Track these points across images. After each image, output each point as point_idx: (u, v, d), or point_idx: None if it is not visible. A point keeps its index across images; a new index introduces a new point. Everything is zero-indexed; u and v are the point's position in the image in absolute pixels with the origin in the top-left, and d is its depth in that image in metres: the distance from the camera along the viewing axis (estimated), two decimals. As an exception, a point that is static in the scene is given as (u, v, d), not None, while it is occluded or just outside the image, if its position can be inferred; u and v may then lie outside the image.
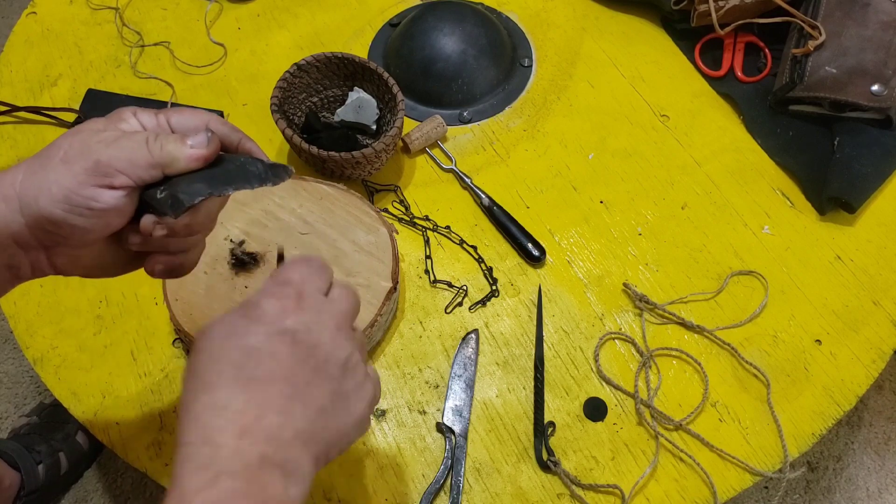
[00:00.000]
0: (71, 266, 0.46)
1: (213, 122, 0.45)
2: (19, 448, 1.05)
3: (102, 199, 0.41)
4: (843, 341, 0.71)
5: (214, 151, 0.44)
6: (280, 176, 0.45)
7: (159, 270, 0.47)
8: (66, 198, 0.40)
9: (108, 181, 0.40)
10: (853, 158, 0.78)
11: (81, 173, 0.40)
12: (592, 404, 0.67)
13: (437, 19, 0.87)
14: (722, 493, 0.63)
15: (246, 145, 0.47)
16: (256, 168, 0.44)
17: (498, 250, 0.76)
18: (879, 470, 1.23)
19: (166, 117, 0.45)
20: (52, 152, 0.41)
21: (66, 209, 0.40)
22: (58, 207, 0.40)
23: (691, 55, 0.91)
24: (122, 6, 0.94)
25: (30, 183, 0.41)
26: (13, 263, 0.43)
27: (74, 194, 0.40)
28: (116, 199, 0.41)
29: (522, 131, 0.85)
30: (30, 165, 0.41)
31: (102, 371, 0.68)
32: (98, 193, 0.40)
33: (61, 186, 0.40)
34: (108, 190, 0.41)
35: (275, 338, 0.39)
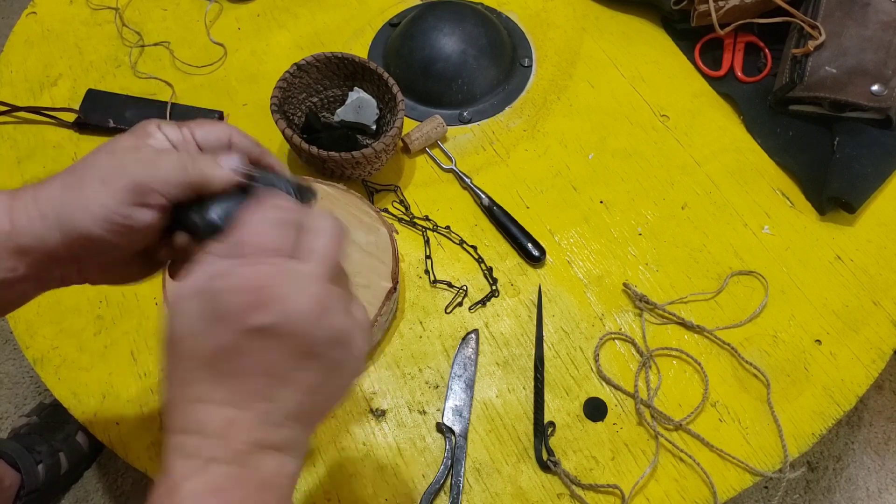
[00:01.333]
0: (99, 277, 0.47)
1: (236, 135, 0.46)
2: (19, 448, 1.05)
3: (139, 218, 0.41)
4: (843, 341, 0.71)
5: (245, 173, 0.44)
6: (307, 198, 0.45)
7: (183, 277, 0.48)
8: (107, 217, 0.41)
9: (144, 200, 0.41)
10: (853, 158, 0.78)
11: (120, 192, 0.41)
12: (592, 404, 0.67)
13: (437, 19, 0.87)
14: (722, 493, 0.63)
15: (267, 160, 0.47)
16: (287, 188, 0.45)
17: (498, 250, 0.76)
18: (879, 470, 1.23)
19: (190, 130, 0.45)
20: (88, 171, 0.42)
21: (105, 227, 0.41)
22: (98, 227, 0.41)
23: (691, 55, 0.91)
24: (122, 6, 0.94)
25: (68, 200, 0.41)
26: (43, 276, 0.44)
27: (114, 213, 0.41)
28: (152, 217, 0.42)
29: (522, 131, 0.85)
30: (65, 182, 0.42)
31: (102, 371, 0.68)
32: (136, 212, 0.41)
33: (102, 206, 0.41)
34: (144, 209, 0.41)
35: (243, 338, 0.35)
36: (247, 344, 0.35)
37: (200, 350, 0.36)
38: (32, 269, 0.43)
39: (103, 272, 0.47)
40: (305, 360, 0.36)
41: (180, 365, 0.36)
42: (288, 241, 0.37)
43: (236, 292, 0.35)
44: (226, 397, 0.36)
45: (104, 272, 0.47)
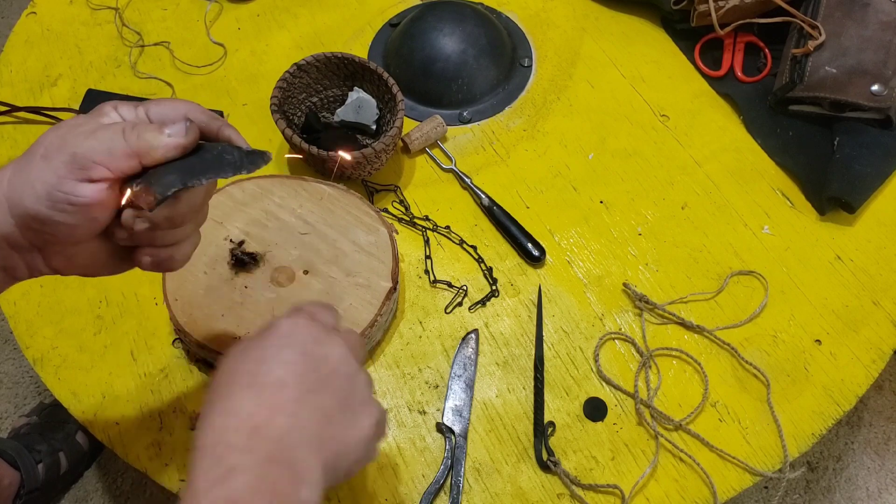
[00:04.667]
0: (67, 266, 0.45)
1: (193, 111, 0.45)
2: (19, 447, 1.05)
3: (82, 193, 0.40)
4: (843, 341, 0.71)
5: (193, 140, 0.43)
6: (256, 163, 0.44)
7: (147, 263, 0.47)
8: (49, 194, 0.39)
9: (86, 174, 0.40)
10: (853, 158, 0.78)
11: (61, 167, 0.39)
12: (592, 404, 0.67)
13: (437, 19, 0.87)
14: (722, 493, 0.63)
15: (225, 132, 0.46)
16: (232, 156, 0.44)
17: (498, 250, 0.76)
18: (879, 470, 1.23)
19: (145, 109, 0.44)
20: (34, 149, 0.41)
21: (48, 206, 0.40)
22: (41, 205, 0.40)
23: (691, 55, 0.91)
24: (122, 6, 0.94)
25: (15, 182, 0.40)
26: (8, 265, 0.43)
27: (55, 190, 0.39)
28: (97, 192, 0.40)
29: (522, 131, 0.85)
30: (16, 165, 0.41)
31: (102, 371, 0.68)
32: (78, 187, 0.40)
33: (44, 183, 0.39)
34: (87, 183, 0.40)
35: (285, 348, 0.41)
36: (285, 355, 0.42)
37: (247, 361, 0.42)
38: None
39: (69, 260, 0.45)
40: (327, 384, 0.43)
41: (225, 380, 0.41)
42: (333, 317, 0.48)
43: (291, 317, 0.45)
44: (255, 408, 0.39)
45: (70, 260, 0.45)
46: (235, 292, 0.65)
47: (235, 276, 0.66)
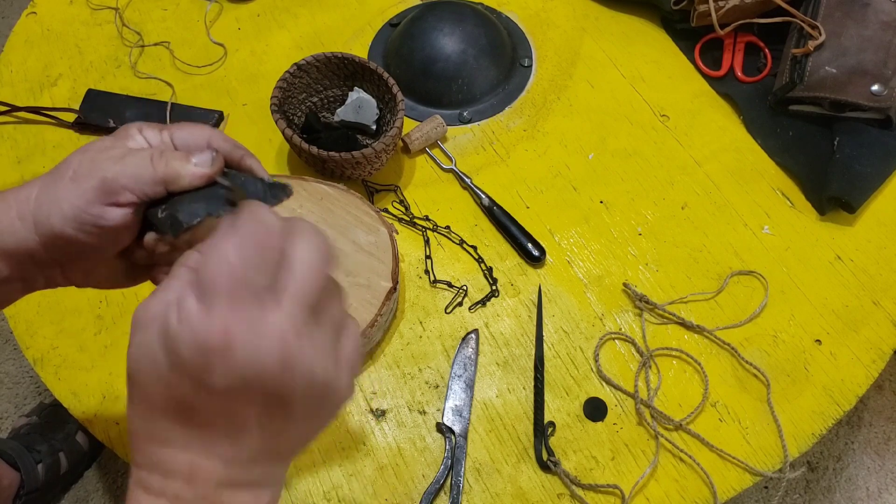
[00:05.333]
0: (84, 280, 0.46)
1: (216, 138, 0.45)
2: (19, 447, 1.05)
3: (110, 217, 0.41)
4: (843, 341, 0.71)
5: (218, 170, 0.43)
6: (278, 197, 0.45)
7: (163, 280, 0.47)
8: (76, 216, 0.40)
9: (114, 199, 0.40)
10: (853, 158, 0.78)
11: (90, 191, 0.40)
12: (592, 404, 0.67)
13: (437, 19, 0.87)
14: (722, 493, 0.63)
15: (247, 162, 0.46)
16: (256, 188, 0.45)
17: (498, 250, 0.76)
18: (879, 470, 1.23)
19: (170, 133, 0.45)
20: (62, 170, 0.41)
21: (75, 227, 0.41)
22: (69, 226, 0.40)
23: (691, 55, 0.91)
24: (122, 6, 0.94)
25: (43, 201, 0.41)
26: (28, 277, 0.44)
27: (84, 213, 0.40)
28: (123, 216, 0.41)
29: (522, 131, 0.85)
30: (43, 183, 0.42)
31: (102, 371, 0.68)
32: (105, 211, 0.41)
33: (72, 205, 0.40)
34: (114, 208, 0.41)
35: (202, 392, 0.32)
36: (207, 398, 0.32)
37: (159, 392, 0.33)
38: (16, 271, 0.43)
39: (87, 275, 0.46)
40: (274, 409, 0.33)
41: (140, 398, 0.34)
42: (263, 277, 0.32)
43: (194, 348, 0.31)
44: (188, 442, 0.33)
45: (88, 275, 0.46)
46: (235, 292, 0.65)
47: (235, 276, 0.66)
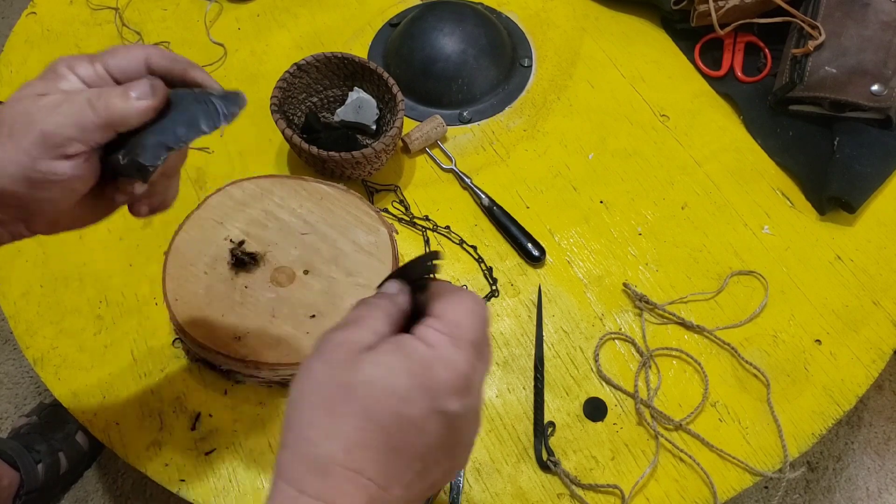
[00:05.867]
0: (49, 229, 0.45)
1: (154, 56, 0.43)
2: (19, 447, 1.05)
3: (60, 171, 0.39)
4: (843, 341, 0.71)
5: (162, 98, 0.41)
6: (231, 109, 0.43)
7: (145, 212, 0.47)
8: (25, 175, 0.38)
9: (60, 151, 0.38)
10: (853, 158, 0.78)
11: (32, 147, 0.38)
12: (592, 404, 0.67)
13: (437, 19, 0.87)
14: (722, 493, 0.63)
15: (191, 74, 0.44)
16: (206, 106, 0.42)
17: (498, 250, 0.76)
18: (879, 470, 1.23)
19: (103, 64, 0.42)
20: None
21: (27, 185, 0.39)
22: (19, 185, 0.39)
23: (691, 55, 0.91)
24: (122, 6, 0.94)
25: None
26: None
27: (31, 170, 0.38)
28: (73, 168, 0.39)
29: (522, 131, 0.85)
30: None
31: (102, 371, 0.68)
32: (55, 165, 0.39)
33: (17, 164, 0.38)
34: (62, 161, 0.39)
35: (433, 415, 0.34)
36: (430, 423, 0.34)
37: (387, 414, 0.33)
38: None
39: (51, 225, 0.44)
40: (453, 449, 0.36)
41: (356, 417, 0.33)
42: (485, 342, 0.37)
43: (451, 370, 0.34)
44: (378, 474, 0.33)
45: (52, 225, 0.44)
46: (235, 292, 0.65)
47: (235, 276, 0.66)
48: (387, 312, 0.37)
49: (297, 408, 0.35)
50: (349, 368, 0.34)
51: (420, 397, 0.34)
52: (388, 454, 0.34)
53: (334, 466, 0.33)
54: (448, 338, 0.35)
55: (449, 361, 0.34)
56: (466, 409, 0.35)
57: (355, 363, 0.34)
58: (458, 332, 0.35)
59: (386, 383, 0.34)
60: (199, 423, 0.65)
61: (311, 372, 0.35)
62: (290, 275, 0.67)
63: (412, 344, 0.35)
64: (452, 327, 0.35)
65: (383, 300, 0.38)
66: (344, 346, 0.35)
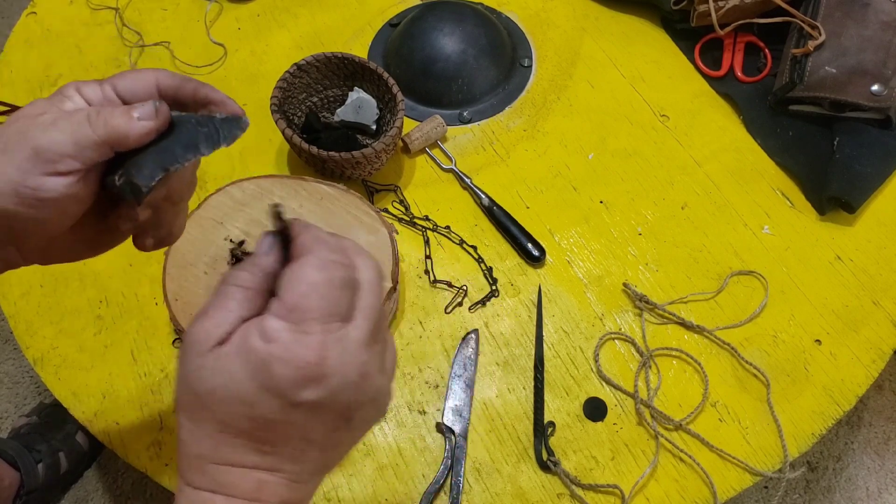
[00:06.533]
0: (43, 258, 0.44)
1: (163, 78, 0.42)
2: (19, 447, 1.05)
3: (50, 188, 0.37)
4: (843, 341, 0.71)
5: (164, 121, 0.40)
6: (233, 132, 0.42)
7: (150, 245, 0.46)
8: (15, 191, 0.37)
9: (53, 168, 0.37)
10: (853, 158, 0.78)
11: (24, 162, 0.37)
12: (592, 404, 0.67)
13: (437, 19, 0.87)
14: (722, 493, 0.63)
15: (202, 93, 0.43)
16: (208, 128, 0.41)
17: (498, 250, 0.76)
18: (879, 470, 1.23)
19: (112, 86, 0.41)
20: None
21: (16, 202, 0.37)
22: (8, 202, 0.37)
23: (691, 55, 0.91)
24: (122, 6, 0.94)
25: None
26: None
27: (21, 186, 0.37)
28: (66, 186, 0.38)
29: (522, 131, 0.85)
30: None
31: (102, 371, 0.68)
32: (45, 182, 0.37)
33: (7, 179, 0.37)
34: (55, 178, 0.37)
35: (289, 410, 0.33)
36: (291, 416, 0.33)
37: (240, 416, 0.33)
38: None
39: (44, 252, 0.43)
40: (341, 424, 0.35)
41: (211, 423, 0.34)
42: (343, 305, 0.34)
43: (291, 365, 0.32)
44: (259, 462, 0.34)
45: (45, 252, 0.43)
46: (235, 292, 0.65)
47: (235, 276, 0.66)
48: (244, 287, 0.35)
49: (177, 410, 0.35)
50: (195, 376, 0.33)
51: (267, 398, 0.33)
52: (259, 445, 0.34)
53: (208, 464, 0.34)
54: (287, 324, 0.33)
55: (287, 356, 0.32)
56: (332, 390, 0.33)
57: (200, 370, 0.33)
58: (297, 315, 0.33)
59: (228, 392, 0.33)
60: (199, 423, 0.65)
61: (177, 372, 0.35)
62: (290, 275, 0.67)
63: (252, 341, 0.33)
64: (290, 311, 0.33)
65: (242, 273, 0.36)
66: (194, 347, 0.34)
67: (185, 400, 0.34)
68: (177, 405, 0.35)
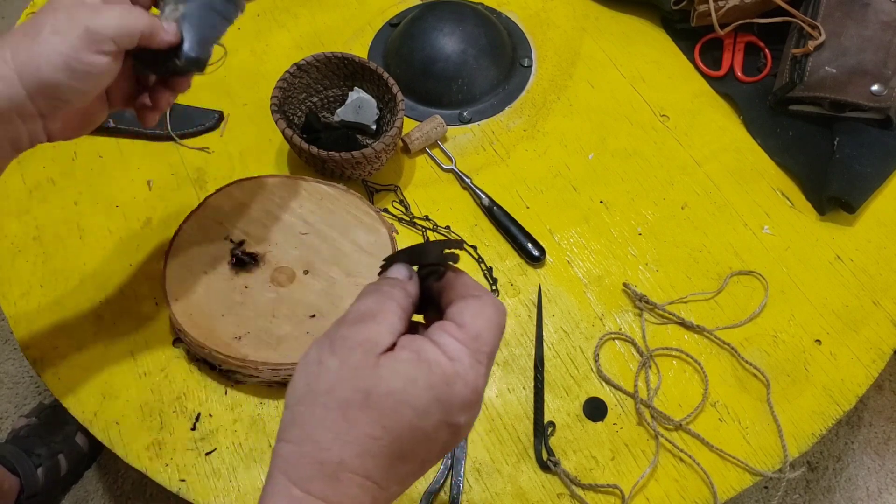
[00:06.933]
0: (63, 130, 0.51)
1: None
2: (18, 452, 1.05)
3: (98, 63, 0.46)
4: (843, 341, 0.71)
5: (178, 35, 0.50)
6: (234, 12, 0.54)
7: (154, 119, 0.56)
8: (67, 64, 0.45)
9: (100, 47, 0.45)
10: (853, 158, 0.78)
11: (76, 40, 0.44)
12: (592, 404, 0.67)
13: (437, 19, 0.87)
14: (722, 493, 0.63)
15: None
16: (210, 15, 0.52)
17: (498, 250, 0.76)
18: (879, 470, 1.23)
19: None
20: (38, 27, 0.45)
21: (68, 74, 0.45)
22: (61, 74, 0.45)
23: (691, 55, 0.91)
24: (122, 6, 0.94)
25: (25, 57, 0.45)
26: (14, 136, 0.47)
27: (74, 61, 0.45)
28: (108, 63, 0.46)
29: (522, 131, 0.85)
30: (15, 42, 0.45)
31: (102, 371, 0.68)
32: (94, 58, 0.45)
33: (61, 54, 0.44)
34: (101, 55, 0.46)
35: (444, 427, 0.35)
36: (438, 433, 0.35)
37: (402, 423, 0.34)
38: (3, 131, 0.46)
39: (67, 124, 0.51)
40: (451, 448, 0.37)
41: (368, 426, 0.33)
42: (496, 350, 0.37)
43: (469, 387, 0.34)
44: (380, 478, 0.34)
45: (68, 124, 0.51)
46: (235, 292, 0.65)
47: (235, 276, 0.66)
48: (401, 306, 0.37)
49: (306, 404, 0.34)
50: (368, 375, 0.34)
51: (436, 411, 0.34)
52: (395, 460, 0.34)
53: (344, 472, 0.33)
54: (468, 350, 0.35)
55: (468, 378, 0.34)
56: (472, 418, 0.36)
57: (375, 369, 0.34)
58: (477, 345, 0.35)
59: (405, 396, 0.33)
60: (199, 422, 0.65)
61: (325, 370, 0.34)
62: (290, 275, 0.67)
63: (433, 355, 0.34)
64: (473, 339, 0.35)
65: (396, 290, 0.37)
66: (362, 348, 0.34)
67: (344, 397, 0.34)
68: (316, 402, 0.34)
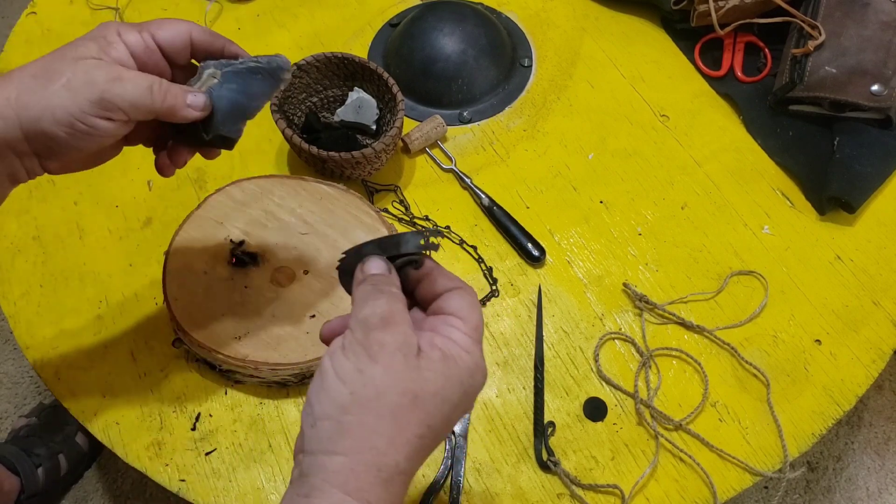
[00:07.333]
0: (61, 169, 0.50)
1: (196, 33, 0.50)
2: (18, 452, 1.05)
3: (102, 128, 0.45)
4: (843, 341, 0.71)
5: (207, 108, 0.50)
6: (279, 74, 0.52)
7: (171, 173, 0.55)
8: (70, 123, 0.44)
9: (109, 115, 0.45)
10: (853, 158, 0.78)
11: (86, 103, 0.44)
12: (592, 404, 0.67)
13: (437, 19, 0.87)
14: (722, 493, 0.63)
15: (231, 49, 0.52)
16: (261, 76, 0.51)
17: (498, 250, 0.76)
18: (879, 470, 1.23)
19: (151, 34, 0.48)
20: (51, 76, 0.44)
21: (67, 132, 0.44)
22: (60, 129, 0.44)
23: (691, 55, 0.91)
24: (122, 6, 0.94)
25: (30, 102, 0.44)
26: (11, 171, 0.47)
27: (78, 122, 0.44)
28: (114, 129, 0.46)
29: (522, 131, 0.85)
30: (24, 84, 0.44)
31: (102, 371, 0.68)
32: (99, 123, 0.45)
33: (66, 112, 0.44)
34: (107, 121, 0.45)
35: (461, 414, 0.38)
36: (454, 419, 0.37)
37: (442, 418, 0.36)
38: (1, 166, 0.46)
39: (66, 166, 0.50)
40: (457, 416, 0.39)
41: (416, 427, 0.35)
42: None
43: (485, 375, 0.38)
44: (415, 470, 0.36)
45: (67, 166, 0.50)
46: (235, 292, 0.65)
47: (235, 276, 0.66)
48: (403, 302, 0.39)
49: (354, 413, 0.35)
50: (413, 378, 0.36)
51: (463, 402, 0.37)
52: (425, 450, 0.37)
53: (398, 475, 0.35)
54: (475, 342, 0.38)
55: (481, 366, 0.38)
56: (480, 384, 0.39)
57: (418, 371, 0.36)
58: (478, 334, 0.39)
59: (446, 393, 0.36)
60: (199, 422, 0.65)
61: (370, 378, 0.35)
62: (290, 275, 0.67)
63: (455, 350, 0.37)
64: (475, 330, 0.38)
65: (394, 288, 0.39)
66: (401, 352, 0.36)
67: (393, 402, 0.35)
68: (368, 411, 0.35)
